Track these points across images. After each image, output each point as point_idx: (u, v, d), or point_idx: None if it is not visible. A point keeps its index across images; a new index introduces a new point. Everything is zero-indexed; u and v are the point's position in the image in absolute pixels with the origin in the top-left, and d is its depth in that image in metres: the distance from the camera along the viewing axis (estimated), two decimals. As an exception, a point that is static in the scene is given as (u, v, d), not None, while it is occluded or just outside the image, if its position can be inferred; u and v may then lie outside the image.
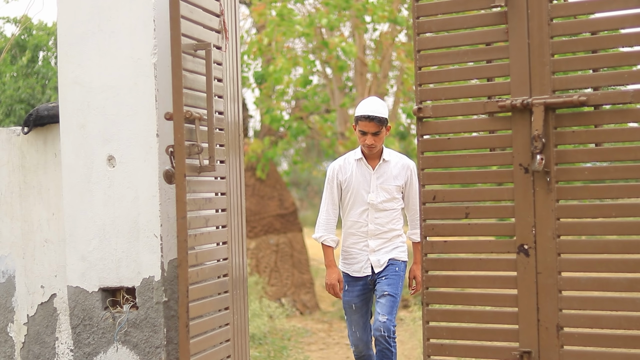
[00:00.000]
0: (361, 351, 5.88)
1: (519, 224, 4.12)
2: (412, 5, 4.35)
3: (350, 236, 5.84)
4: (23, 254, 5.06)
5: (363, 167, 5.79)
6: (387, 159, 5.79)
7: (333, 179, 5.87)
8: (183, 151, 4.22)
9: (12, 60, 13.37)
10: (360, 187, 5.78)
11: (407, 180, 5.80)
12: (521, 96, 4.09)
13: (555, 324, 4.05)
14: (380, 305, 5.66)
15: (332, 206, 5.88)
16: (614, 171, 3.98)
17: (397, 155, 5.90)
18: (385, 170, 5.77)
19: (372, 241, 5.79)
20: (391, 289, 5.70)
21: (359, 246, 5.81)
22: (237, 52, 5.13)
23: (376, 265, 5.76)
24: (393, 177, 5.76)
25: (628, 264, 3.92)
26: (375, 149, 5.69)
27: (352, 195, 5.80)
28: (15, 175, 5.10)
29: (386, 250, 5.80)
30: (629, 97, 3.90)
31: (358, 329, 5.85)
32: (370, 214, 5.76)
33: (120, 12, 4.55)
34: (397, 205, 5.79)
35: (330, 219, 5.88)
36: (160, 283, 4.49)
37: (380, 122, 5.59)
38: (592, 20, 4.03)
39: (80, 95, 4.64)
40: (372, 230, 5.77)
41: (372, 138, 5.63)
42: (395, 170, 5.78)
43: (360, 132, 5.68)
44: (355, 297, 5.81)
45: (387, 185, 5.75)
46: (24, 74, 13.12)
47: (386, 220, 5.78)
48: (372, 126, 5.59)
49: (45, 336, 4.95)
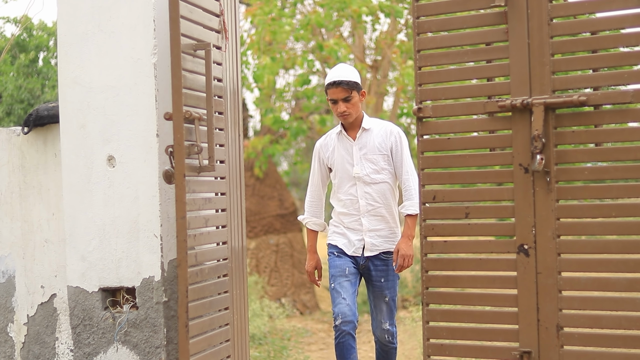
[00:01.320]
0: (348, 320, 5.20)
1: (519, 224, 4.11)
2: (412, 5, 4.35)
3: (343, 216, 5.47)
4: (23, 254, 5.06)
5: (344, 139, 5.45)
6: (368, 127, 5.42)
7: (316, 158, 5.58)
8: (182, 151, 4.22)
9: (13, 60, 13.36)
10: (344, 161, 5.43)
11: (393, 146, 5.40)
12: (521, 96, 4.09)
13: (555, 324, 4.05)
14: (381, 312, 5.43)
15: (315, 187, 5.60)
16: (614, 171, 3.98)
17: (380, 123, 5.54)
18: (367, 140, 5.40)
19: (366, 219, 5.40)
20: (391, 293, 5.44)
21: (352, 225, 5.43)
22: (237, 52, 5.14)
23: (368, 249, 5.39)
24: (376, 146, 5.39)
25: (628, 264, 3.92)
26: (350, 117, 5.35)
27: (339, 171, 5.45)
28: (15, 176, 5.10)
29: (383, 234, 5.42)
30: (629, 97, 3.90)
31: (348, 296, 5.30)
32: (359, 188, 5.40)
33: (120, 12, 4.55)
34: (388, 177, 5.41)
35: (314, 201, 5.62)
36: (160, 283, 4.49)
37: (348, 86, 5.27)
38: (592, 20, 4.03)
39: (80, 95, 4.64)
40: (364, 206, 5.38)
41: (343, 105, 5.29)
42: (379, 139, 5.40)
43: (331, 102, 5.36)
44: (348, 261, 5.39)
45: (371, 156, 5.38)
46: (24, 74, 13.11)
47: (378, 195, 5.39)
48: (340, 91, 5.28)
49: (45, 336, 4.95)
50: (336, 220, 5.53)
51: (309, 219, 5.62)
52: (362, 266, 5.42)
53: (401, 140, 5.40)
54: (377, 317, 5.45)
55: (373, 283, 5.45)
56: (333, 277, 5.39)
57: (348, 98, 5.29)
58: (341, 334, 5.25)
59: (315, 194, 5.63)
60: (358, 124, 5.42)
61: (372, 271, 5.42)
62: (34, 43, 13.35)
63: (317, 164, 5.56)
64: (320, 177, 5.59)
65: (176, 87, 4.23)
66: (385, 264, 5.40)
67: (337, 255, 5.42)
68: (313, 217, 5.61)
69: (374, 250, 5.40)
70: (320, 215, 5.63)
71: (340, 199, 5.46)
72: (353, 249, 5.41)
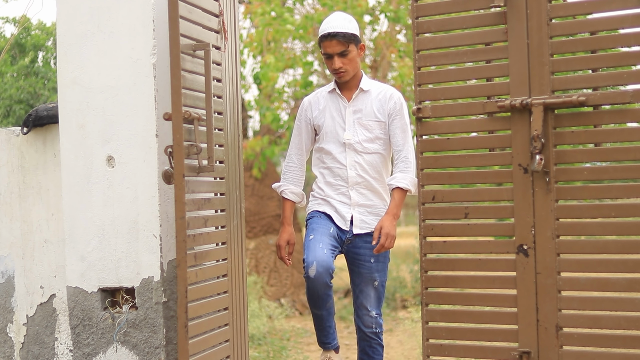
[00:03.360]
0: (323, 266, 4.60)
1: (518, 224, 4.12)
2: (412, 6, 4.35)
3: (328, 187, 4.86)
4: (22, 254, 5.06)
5: (337, 99, 4.84)
6: (367, 88, 4.81)
7: (301, 117, 4.92)
8: (182, 151, 4.22)
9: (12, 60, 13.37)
10: (334, 123, 4.81)
11: (392, 112, 4.79)
12: (520, 96, 4.09)
13: (554, 324, 4.05)
14: (367, 296, 4.82)
15: (297, 151, 4.94)
16: (613, 171, 3.98)
17: (380, 85, 4.91)
18: (364, 103, 4.79)
19: (355, 192, 4.80)
20: (380, 276, 4.83)
21: (339, 197, 4.83)
22: (236, 52, 5.13)
23: (357, 226, 4.79)
24: (374, 111, 4.78)
25: (627, 264, 3.93)
26: (347, 74, 4.74)
27: (328, 134, 4.82)
28: (15, 176, 5.10)
29: (375, 211, 4.82)
30: (628, 97, 3.90)
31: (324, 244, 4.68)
32: (348, 156, 4.78)
33: (120, 12, 4.55)
34: (383, 148, 4.81)
35: (294, 167, 4.94)
36: (160, 283, 4.49)
37: (345, 39, 4.67)
38: (591, 20, 4.03)
39: (79, 95, 4.64)
40: (352, 176, 4.77)
41: (339, 60, 4.70)
42: (376, 103, 4.80)
43: (326, 57, 4.75)
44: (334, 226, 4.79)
45: (365, 121, 4.77)
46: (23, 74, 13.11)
47: (369, 167, 4.79)
48: (336, 44, 4.69)
49: (45, 336, 4.95)
50: (319, 192, 4.92)
51: (286, 186, 4.94)
52: (348, 241, 4.82)
53: (402, 106, 4.82)
54: (362, 304, 4.84)
55: (361, 263, 4.83)
56: (313, 231, 4.76)
57: (344, 52, 4.71)
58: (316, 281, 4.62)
59: (296, 158, 4.96)
60: (355, 83, 4.82)
61: (360, 249, 4.81)
62: (33, 43, 13.35)
63: (302, 123, 4.93)
64: (305, 140, 4.95)
65: (175, 87, 4.22)
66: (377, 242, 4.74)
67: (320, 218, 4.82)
68: (291, 184, 4.95)
69: (363, 227, 4.80)
70: (299, 184, 4.98)
71: (326, 166, 4.86)
72: (343, 223, 4.82)
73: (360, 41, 4.77)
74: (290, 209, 4.96)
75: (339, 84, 4.83)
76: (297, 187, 4.96)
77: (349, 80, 4.80)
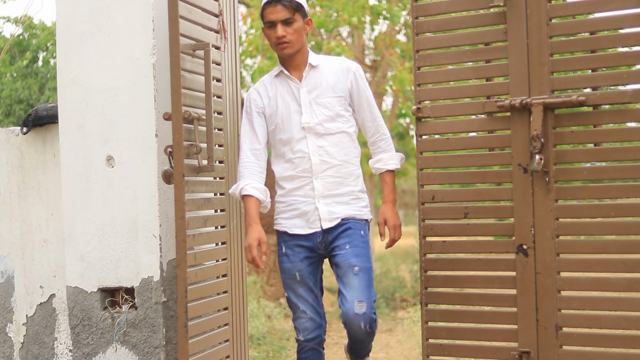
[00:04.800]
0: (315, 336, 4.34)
1: (518, 224, 4.12)
2: (411, 5, 4.35)
3: (287, 181, 4.40)
4: (22, 254, 5.06)
5: (286, 82, 4.39)
6: (316, 63, 4.37)
7: (250, 107, 4.44)
8: (181, 151, 4.22)
9: (11, 60, 13.37)
10: (289, 109, 4.35)
11: (353, 85, 4.36)
12: (520, 96, 4.09)
13: (554, 324, 4.05)
14: (350, 286, 4.19)
15: (251, 145, 4.43)
16: (612, 171, 3.98)
17: (331, 59, 4.48)
18: (318, 80, 4.35)
19: (320, 181, 4.32)
20: (361, 261, 4.23)
21: (301, 192, 4.36)
22: (235, 52, 5.13)
23: (326, 219, 4.30)
24: (330, 86, 4.34)
25: (627, 264, 3.93)
26: (291, 46, 4.30)
27: (284, 123, 4.36)
28: (14, 176, 5.10)
29: (341, 199, 4.34)
30: (627, 97, 3.90)
31: (307, 307, 4.35)
32: (310, 142, 4.32)
33: (119, 12, 4.55)
34: (347, 126, 4.36)
35: (250, 163, 4.40)
36: (159, 283, 4.49)
37: (290, 5, 4.27)
38: (591, 20, 4.03)
39: (79, 95, 4.64)
40: (317, 163, 4.31)
41: (282, 28, 4.26)
42: (332, 77, 4.36)
43: (268, 26, 4.32)
44: (299, 261, 4.35)
45: (323, 99, 4.33)
46: (23, 74, 13.11)
47: (335, 150, 4.32)
48: (280, 10, 4.27)
49: (44, 336, 4.95)
50: (281, 193, 4.46)
51: (245, 182, 4.37)
52: (321, 244, 4.36)
53: (362, 77, 4.40)
54: (347, 295, 4.20)
55: (337, 254, 4.31)
56: (285, 285, 4.42)
57: (289, 20, 4.28)
58: (303, 349, 4.42)
59: (251, 153, 4.40)
60: (303, 60, 4.37)
61: (334, 241, 4.32)
62: (33, 43, 13.36)
63: (253, 113, 4.44)
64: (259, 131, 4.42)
65: (175, 87, 4.22)
66: (349, 229, 4.31)
67: (285, 254, 4.41)
68: (250, 179, 4.38)
69: (333, 220, 4.32)
70: (260, 179, 4.42)
71: (287, 159, 4.39)
72: (309, 225, 4.35)
73: (307, 15, 4.36)
74: (255, 207, 4.35)
75: (284, 65, 4.38)
76: (259, 182, 4.40)
77: (295, 56, 4.35)
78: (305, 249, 4.35)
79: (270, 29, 4.32)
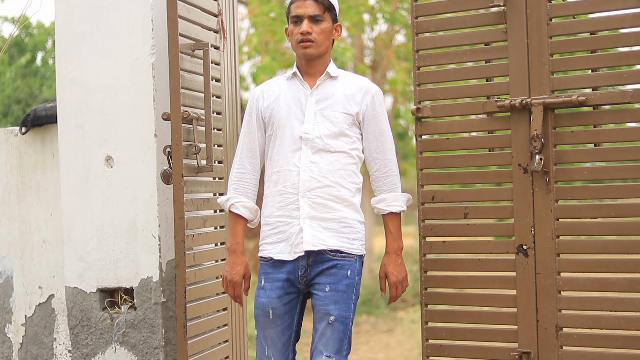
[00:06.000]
0: None
1: (518, 224, 4.11)
2: (411, 5, 4.34)
3: (273, 197, 3.88)
4: (21, 254, 5.05)
5: (297, 85, 3.91)
6: (335, 74, 3.90)
7: (252, 110, 3.97)
8: (180, 151, 4.21)
9: (10, 60, 13.36)
10: (290, 114, 3.85)
11: (368, 110, 3.88)
12: (520, 96, 4.08)
13: (554, 324, 4.04)
14: (322, 336, 3.77)
15: (249, 153, 3.96)
16: (613, 171, 3.97)
17: (353, 76, 4.00)
18: (331, 91, 3.87)
19: (306, 200, 3.78)
20: (339, 309, 3.76)
21: (286, 210, 3.83)
22: (235, 52, 5.12)
23: (309, 243, 3.75)
24: (342, 101, 3.85)
25: (627, 264, 3.92)
26: (314, 46, 3.82)
27: (280, 128, 3.86)
28: (13, 176, 5.09)
29: (332, 227, 3.79)
30: (628, 97, 3.89)
31: (275, 352, 3.85)
32: (304, 155, 3.80)
33: (118, 12, 4.54)
34: (349, 147, 3.84)
35: (246, 175, 3.95)
36: (159, 284, 4.48)
37: (322, 3, 3.83)
38: (591, 19, 4.02)
39: (78, 95, 4.63)
40: (305, 179, 3.78)
41: (309, 25, 3.80)
42: (348, 92, 3.87)
43: (293, 22, 3.85)
44: (276, 298, 3.83)
45: (331, 112, 3.83)
46: (21, 74, 13.10)
47: (329, 169, 3.80)
48: (310, 5, 3.82)
49: (43, 337, 4.94)
50: (266, 211, 3.94)
51: (237, 198, 3.93)
52: (302, 278, 3.83)
53: (380, 103, 3.94)
54: (317, 344, 3.78)
55: (315, 294, 3.81)
56: (256, 321, 3.89)
57: (318, 18, 3.82)
58: None
59: (248, 163, 3.97)
60: (322, 69, 3.89)
61: (316, 278, 3.81)
62: (27, 42, 13.37)
63: (253, 117, 3.97)
64: (259, 139, 3.96)
65: (174, 87, 4.22)
66: (335, 267, 3.81)
67: (262, 287, 3.89)
68: (242, 196, 3.94)
69: (316, 244, 3.77)
70: (252, 196, 3.98)
71: (276, 170, 3.88)
72: (294, 249, 3.82)
73: (337, 20, 3.92)
74: (243, 229, 3.95)
75: (301, 69, 3.92)
76: (250, 199, 3.97)
77: (315, 61, 3.88)
78: (286, 282, 3.83)
79: (295, 25, 3.83)
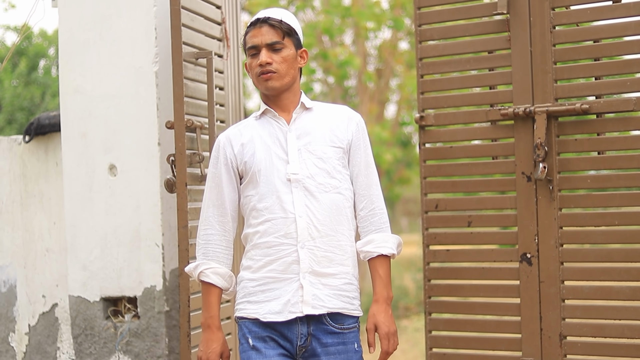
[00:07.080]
0: None
1: (522, 232, 4.10)
2: (414, 13, 4.34)
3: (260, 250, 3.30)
4: (24, 263, 5.05)
5: (270, 122, 3.36)
6: (309, 105, 3.39)
7: (219, 160, 3.39)
8: (184, 160, 4.22)
9: (13, 68, 13.37)
10: (270, 155, 3.30)
11: (353, 139, 3.38)
12: (523, 104, 4.08)
13: (558, 332, 4.03)
14: None
15: (218, 211, 3.39)
16: (616, 179, 3.97)
17: (329, 105, 3.49)
18: (311, 125, 3.35)
19: (306, 252, 3.24)
20: None
21: (280, 264, 3.25)
22: (238, 60, 5.13)
23: (309, 304, 3.22)
24: (327, 133, 3.34)
25: (631, 272, 3.91)
26: (277, 78, 3.28)
27: (262, 172, 3.29)
28: (17, 184, 5.09)
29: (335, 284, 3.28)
30: (631, 104, 3.89)
31: None
32: (296, 198, 3.25)
33: (122, 20, 4.54)
34: (344, 187, 3.33)
35: (214, 237, 3.38)
36: (162, 292, 4.48)
37: (280, 27, 3.29)
38: (594, 27, 4.02)
39: (81, 103, 4.63)
40: (304, 227, 3.24)
41: (267, 54, 3.26)
42: (332, 123, 3.37)
43: (251, 54, 3.33)
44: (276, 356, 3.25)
45: (317, 147, 3.31)
46: (24, 82, 13.11)
47: (326, 215, 3.26)
48: (266, 32, 3.29)
49: (47, 346, 4.93)
50: (249, 268, 3.35)
51: (206, 265, 3.36)
52: (301, 349, 3.27)
53: (364, 132, 3.45)
54: None
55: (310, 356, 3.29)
56: None
57: (277, 46, 3.29)
58: None
59: (217, 222, 3.39)
60: (294, 100, 3.37)
61: (321, 356, 3.26)
62: (29, 49, 13.39)
63: (222, 168, 3.38)
64: (228, 194, 3.38)
65: (178, 95, 4.22)
66: (341, 340, 3.29)
67: (253, 347, 3.28)
68: (212, 261, 3.37)
69: (318, 307, 3.24)
70: (224, 260, 3.40)
71: (262, 220, 3.30)
72: (289, 309, 3.24)
73: (301, 45, 3.41)
74: (217, 300, 3.40)
75: (270, 105, 3.39)
76: (222, 265, 3.39)
77: (283, 95, 3.36)
78: (281, 347, 3.27)
79: (253, 57, 3.33)
